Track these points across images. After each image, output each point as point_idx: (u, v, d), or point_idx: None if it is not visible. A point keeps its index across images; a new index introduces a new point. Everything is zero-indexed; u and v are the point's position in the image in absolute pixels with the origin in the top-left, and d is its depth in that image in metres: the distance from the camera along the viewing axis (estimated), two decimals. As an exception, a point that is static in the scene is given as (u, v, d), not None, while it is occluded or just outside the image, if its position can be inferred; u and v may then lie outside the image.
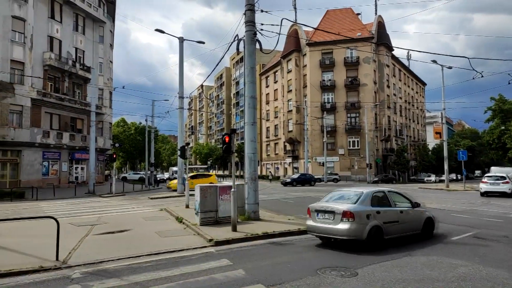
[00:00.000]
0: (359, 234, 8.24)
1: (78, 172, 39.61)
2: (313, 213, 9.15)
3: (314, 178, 43.17)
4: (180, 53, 26.93)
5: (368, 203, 8.75)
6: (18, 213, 16.57)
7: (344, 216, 8.30)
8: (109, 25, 45.48)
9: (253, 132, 13.42)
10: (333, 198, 9.60)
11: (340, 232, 8.32)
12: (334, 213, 8.55)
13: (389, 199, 9.31)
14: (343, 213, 8.33)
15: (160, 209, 17.43)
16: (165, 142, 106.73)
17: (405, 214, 9.34)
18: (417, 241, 9.43)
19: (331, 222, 8.59)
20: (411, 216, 9.54)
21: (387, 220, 8.78)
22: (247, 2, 13.35)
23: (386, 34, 58.60)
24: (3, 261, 7.59)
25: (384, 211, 8.84)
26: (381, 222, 8.61)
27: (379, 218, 8.62)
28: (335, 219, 8.49)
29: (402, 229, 9.21)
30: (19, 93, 31.20)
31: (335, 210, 8.58)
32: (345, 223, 8.28)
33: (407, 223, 9.35)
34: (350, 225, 8.22)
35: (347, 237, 8.28)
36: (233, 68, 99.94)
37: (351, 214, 8.26)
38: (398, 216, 9.16)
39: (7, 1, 31.21)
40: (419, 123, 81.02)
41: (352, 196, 9.09)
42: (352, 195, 9.19)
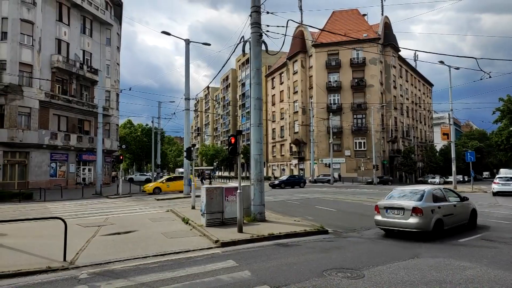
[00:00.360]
0: (426, 226, 9.52)
1: (86, 173, 39.91)
2: (382, 210, 10.36)
3: (304, 179, 42.48)
4: (186, 55, 27.03)
5: (430, 199, 10.05)
6: (26, 214, 16.74)
7: (414, 212, 9.57)
8: (116, 28, 45.83)
9: (259, 134, 13.42)
10: (396, 197, 10.71)
11: (410, 225, 9.59)
12: (404, 209, 9.79)
13: (444, 195, 10.77)
14: (413, 209, 9.57)
15: (166, 210, 17.50)
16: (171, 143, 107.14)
17: (457, 207, 10.78)
18: (425, 242, 9.36)
19: (401, 217, 9.85)
20: (461, 209, 11.01)
21: (445, 213, 10.15)
22: (253, 4, 13.38)
23: (392, 34, 58.33)
24: (12, 262, 7.68)
25: (442, 206, 10.20)
26: (441, 215, 9.97)
27: (440, 212, 9.96)
28: (405, 214, 9.76)
29: (455, 220, 10.66)
30: (28, 95, 31.56)
31: (405, 206, 9.81)
32: (415, 218, 9.54)
33: (459, 215, 10.82)
34: (419, 219, 9.49)
35: (416, 229, 9.55)
36: (239, 70, 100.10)
37: (420, 210, 9.52)
38: (453, 209, 10.58)
39: (16, 5, 31.61)
40: (426, 124, 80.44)
41: (414, 194, 10.34)
42: (414, 193, 10.44)
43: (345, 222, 13.01)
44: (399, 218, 9.89)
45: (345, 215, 15.16)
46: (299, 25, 56.61)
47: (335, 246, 9.13)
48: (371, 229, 11.59)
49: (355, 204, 20.00)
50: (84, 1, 38.69)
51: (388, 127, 56.83)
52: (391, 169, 58.27)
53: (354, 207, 18.09)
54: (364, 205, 19.29)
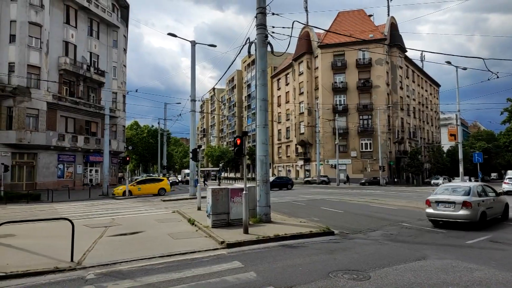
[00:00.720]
0: (474, 217, 11.18)
1: (93, 174, 40.22)
2: (433, 204, 11.99)
3: (291, 181, 41.23)
4: (192, 57, 27.14)
5: (476, 194, 11.69)
6: (34, 215, 16.91)
7: (464, 205, 11.22)
8: (123, 30, 46.17)
9: (264, 135, 13.43)
10: (445, 192, 12.35)
11: (461, 216, 11.27)
12: (455, 203, 11.44)
13: (485, 190, 12.48)
14: (463, 202, 11.23)
15: (172, 211, 17.56)
16: (177, 144, 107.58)
17: (495, 201, 12.57)
18: (433, 244, 9.29)
19: (451, 210, 11.50)
20: (498, 202, 12.88)
21: (487, 206, 11.87)
22: (258, 5, 13.40)
23: (399, 35, 58.02)
24: (20, 262, 7.76)
25: (485, 200, 11.95)
26: (485, 208, 11.66)
27: (483, 205, 11.65)
28: (456, 207, 11.39)
29: (494, 213, 12.45)
30: (35, 97, 31.89)
31: (455, 200, 11.47)
32: (465, 210, 11.20)
33: (496, 208, 12.64)
34: (468, 211, 11.13)
35: (465, 220, 11.26)
36: (244, 71, 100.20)
37: (470, 203, 11.16)
38: (492, 203, 12.33)
39: (25, 8, 31.98)
40: (433, 125, 79.85)
41: (461, 190, 12.07)
42: (460, 189, 12.18)
43: (351, 224, 12.96)
44: (450, 210, 11.53)
45: (351, 216, 15.10)
46: (305, 26, 56.54)
47: (341, 247, 9.10)
48: (377, 230, 11.54)
49: (361, 205, 19.92)
50: (91, 4, 39.04)
51: (395, 128, 56.50)
52: (398, 170, 57.90)
53: (360, 209, 18.01)
54: (371, 206, 19.20)
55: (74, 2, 37.30)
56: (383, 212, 16.25)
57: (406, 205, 19.76)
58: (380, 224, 12.68)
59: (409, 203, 20.63)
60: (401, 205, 19.45)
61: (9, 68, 31.30)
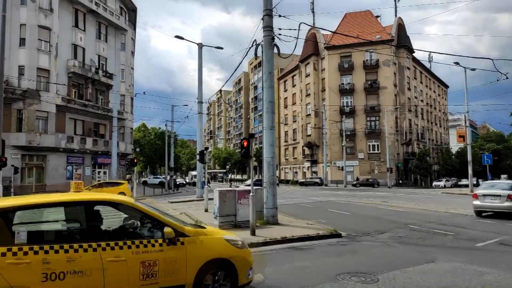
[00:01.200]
0: None
1: (101, 176, 40.52)
2: (480, 197, 14.76)
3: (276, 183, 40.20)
4: (199, 59, 27.28)
5: None
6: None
7: (509, 198, 13.92)
8: (131, 33, 46.54)
9: (271, 137, 13.43)
10: (489, 188, 15.33)
11: (506, 207, 14.01)
12: (500, 196, 14.17)
13: None
14: (508, 195, 13.98)
15: (179, 213, 17.61)
16: (184, 146, 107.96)
17: None
18: (442, 246, 9.21)
19: (497, 202, 14.27)
20: None
21: None
22: (265, 7, 13.42)
23: (406, 36, 57.72)
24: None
25: None
26: None
27: None
28: (501, 199, 14.14)
29: None
30: (45, 100, 32.25)
31: (501, 194, 14.22)
32: (510, 202, 13.91)
33: None
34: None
35: (509, 210, 13.94)
36: (251, 73, 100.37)
37: None
38: None
39: (34, 11, 32.40)
40: (442, 127, 79.17)
41: (503, 185, 15.14)
42: (502, 184, 15.40)
43: (358, 226, 12.89)
44: (496, 202, 14.27)
45: (359, 219, 15.03)
46: (311, 27, 56.50)
47: (348, 249, 9.06)
48: (385, 232, 11.46)
49: (369, 207, 19.81)
50: (99, 7, 39.43)
51: (403, 129, 56.14)
52: (406, 172, 57.48)
53: (368, 211, 17.91)
54: (379, 208, 19.09)
55: (83, 6, 37.70)
56: (391, 214, 16.15)
57: (414, 207, 19.61)
58: (388, 227, 12.60)
59: (417, 205, 20.48)
60: (409, 207, 19.30)
61: (19, 71, 31.69)
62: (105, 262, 4.33)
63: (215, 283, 5.04)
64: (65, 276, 4.11)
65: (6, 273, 3.85)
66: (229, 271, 5.14)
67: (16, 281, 3.89)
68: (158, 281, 4.64)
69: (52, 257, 4.10)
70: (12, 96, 30.36)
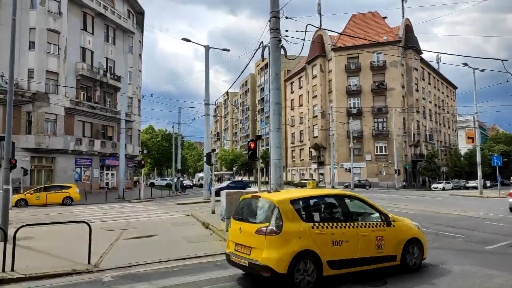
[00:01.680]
0: None
1: (109, 178, 40.83)
2: None
3: (248, 185, 37.53)
4: (206, 61, 27.35)
5: None
6: (52, 218, 17.25)
7: None
8: (138, 36, 46.90)
9: (278, 138, 13.41)
10: None
11: None
12: None
13: None
14: None
15: (186, 214, 17.66)
16: (191, 148, 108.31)
17: None
18: (451, 249, 9.11)
19: None
20: None
21: None
22: (271, 9, 13.43)
23: (414, 37, 57.34)
24: (39, 264, 7.91)
25: None
26: None
27: None
28: None
29: None
30: (54, 103, 32.62)
31: None
32: None
33: None
34: None
35: None
36: (258, 75, 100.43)
37: None
38: None
39: (43, 15, 32.81)
40: (450, 128, 78.42)
41: None
42: None
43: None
44: None
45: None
46: (318, 29, 56.38)
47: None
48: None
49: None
50: (107, 11, 39.81)
51: (410, 130, 55.71)
52: (414, 174, 57.01)
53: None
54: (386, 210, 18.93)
55: (91, 9, 38.10)
56: (399, 217, 15.99)
57: (422, 209, 19.44)
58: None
59: (426, 208, 20.29)
60: (417, 210, 19.14)
61: (29, 74, 32.09)
62: (359, 236, 6.36)
63: (412, 254, 7.01)
64: (341, 243, 6.15)
65: (315, 238, 5.95)
66: (418, 246, 7.14)
67: (320, 243, 5.95)
68: (384, 251, 6.63)
69: (334, 230, 6.16)
70: (21, 99, 30.74)
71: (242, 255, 6.12)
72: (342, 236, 6.16)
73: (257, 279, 6.37)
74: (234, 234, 6.52)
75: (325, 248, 5.96)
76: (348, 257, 6.19)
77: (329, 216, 6.57)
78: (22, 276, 7.01)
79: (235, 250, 6.37)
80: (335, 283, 6.16)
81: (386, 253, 6.63)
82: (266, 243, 5.76)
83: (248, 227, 6.20)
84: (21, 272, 7.16)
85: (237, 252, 6.29)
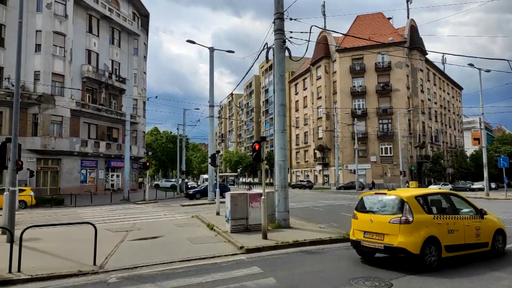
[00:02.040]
0: None
1: (114, 179, 40.99)
2: None
3: (228, 188, 33.39)
4: (210, 63, 27.40)
5: None
6: (58, 219, 17.35)
7: None
8: (143, 38, 47.12)
9: (283, 140, 13.41)
10: None
11: None
12: None
13: None
14: None
15: (191, 216, 17.69)
16: (196, 150, 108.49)
17: None
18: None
19: None
20: None
21: None
22: (276, 11, 13.45)
23: (419, 38, 57.07)
24: (45, 265, 7.96)
25: None
26: None
27: None
28: None
29: None
30: (60, 105, 32.84)
31: None
32: None
33: None
34: None
35: None
36: (262, 76, 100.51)
37: None
38: None
39: (49, 18, 33.08)
40: (456, 129, 77.89)
41: None
42: None
43: (371, 230, 12.71)
44: None
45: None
46: (323, 30, 56.33)
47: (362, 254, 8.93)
48: (399, 237, 11.27)
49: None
50: (112, 13, 40.06)
51: (416, 132, 55.40)
52: (419, 175, 56.64)
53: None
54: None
55: (96, 12, 38.36)
56: (405, 218, 15.88)
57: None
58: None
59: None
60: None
61: (35, 76, 32.35)
62: (464, 226, 7.84)
63: (499, 242, 8.60)
64: (453, 231, 7.61)
65: (437, 227, 7.39)
66: (503, 235, 8.76)
67: (440, 231, 7.39)
68: (480, 239, 8.10)
69: (448, 221, 7.67)
70: (28, 101, 30.98)
71: (375, 240, 7.56)
72: (453, 226, 7.66)
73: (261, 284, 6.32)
74: (363, 224, 7.94)
75: (443, 235, 7.40)
76: (457, 242, 7.66)
77: (441, 210, 8.08)
78: (28, 277, 7.05)
79: (364, 237, 7.81)
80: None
81: (482, 240, 8.15)
82: (400, 230, 7.16)
83: (380, 218, 7.66)
84: (27, 273, 7.21)
85: (367, 238, 7.74)
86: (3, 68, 31.28)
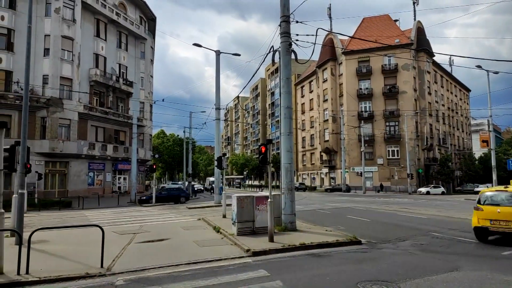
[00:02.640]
0: None
1: (121, 182, 41.23)
2: None
3: (186, 192, 32.27)
4: (216, 66, 27.50)
5: None
6: (66, 222, 17.47)
7: None
8: (150, 41, 47.47)
9: (289, 142, 13.39)
10: None
11: None
12: None
13: None
14: None
15: (198, 218, 17.71)
16: (202, 152, 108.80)
17: None
18: (466, 254, 8.94)
19: None
20: None
21: None
22: (282, 13, 13.47)
23: (426, 39, 56.72)
24: (53, 267, 8.02)
25: None
26: None
27: None
28: None
29: None
30: (68, 108, 33.18)
31: None
32: None
33: None
34: None
35: None
36: (268, 79, 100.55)
37: None
38: None
39: (58, 22, 33.50)
40: (464, 131, 77.17)
41: None
42: None
43: (378, 233, 12.65)
44: None
45: (379, 226, 14.74)
46: (329, 33, 56.28)
47: (369, 257, 8.89)
48: (406, 240, 11.20)
49: (389, 214, 19.43)
50: (120, 17, 40.45)
51: (423, 134, 54.97)
52: (427, 178, 56.16)
53: (388, 217, 17.57)
54: (399, 215, 18.70)
55: (104, 16, 38.76)
56: (412, 221, 15.78)
57: (436, 214, 19.13)
58: (409, 234, 12.32)
59: (439, 212, 19.97)
60: (430, 214, 18.84)
61: (43, 80, 32.75)
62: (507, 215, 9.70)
63: None
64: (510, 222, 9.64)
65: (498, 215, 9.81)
66: None
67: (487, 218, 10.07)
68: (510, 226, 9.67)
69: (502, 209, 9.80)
70: (36, 105, 31.34)
71: (503, 226, 9.70)
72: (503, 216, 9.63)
73: (269, 283, 6.27)
74: (490, 214, 10.03)
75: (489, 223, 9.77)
76: None
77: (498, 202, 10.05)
78: (36, 279, 7.11)
79: (491, 224, 9.93)
80: None
81: None
82: None
83: (506, 209, 9.74)
84: (36, 275, 7.27)
85: (494, 225, 9.88)
86: (12, 72, 31.71)
